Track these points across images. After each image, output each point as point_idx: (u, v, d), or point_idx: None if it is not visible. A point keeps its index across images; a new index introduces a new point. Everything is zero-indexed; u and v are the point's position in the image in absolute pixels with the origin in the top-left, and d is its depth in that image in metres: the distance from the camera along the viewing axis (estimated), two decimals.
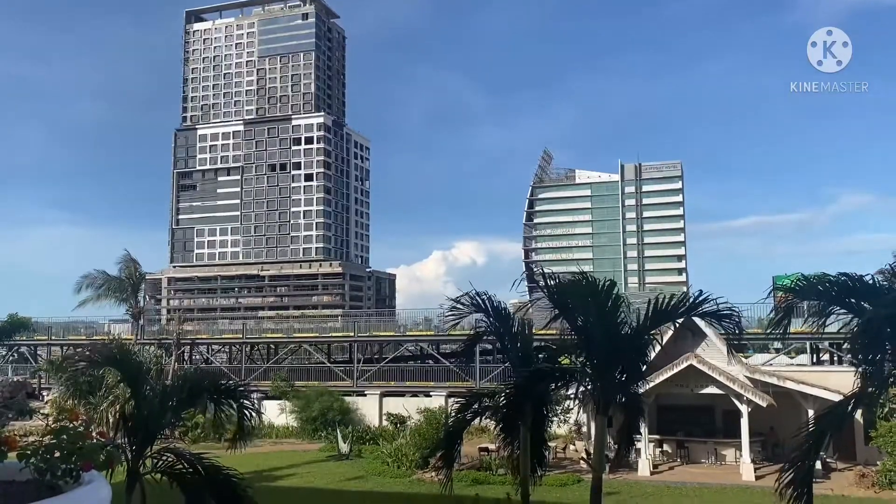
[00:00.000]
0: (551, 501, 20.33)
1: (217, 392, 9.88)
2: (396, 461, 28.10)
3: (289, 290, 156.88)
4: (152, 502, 10.09)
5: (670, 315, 10.61)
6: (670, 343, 24.66)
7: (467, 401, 11.83)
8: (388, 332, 47.99)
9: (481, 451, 28.26)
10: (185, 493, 9.50)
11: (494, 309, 11.47)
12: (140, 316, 43.96)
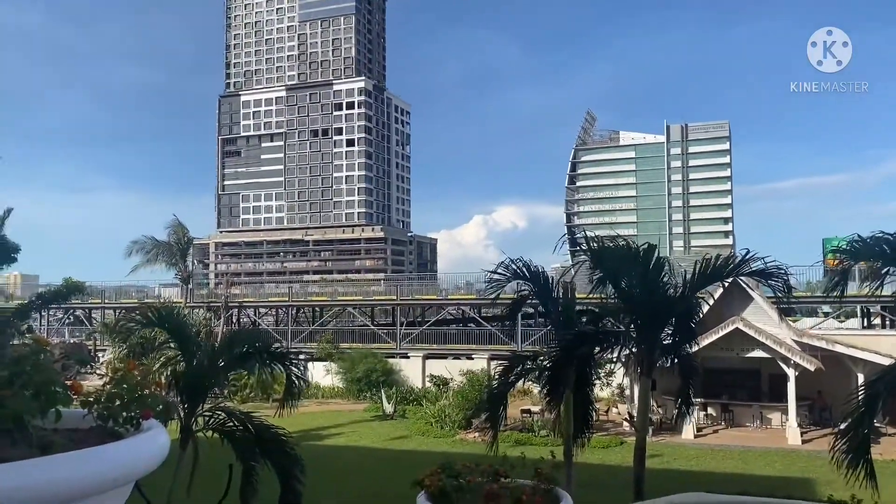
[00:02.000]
0: (594, 463, 20.41)
1: (267, 355, 10.11)
2: (440, 422, 28.50)
3: (332, 254, 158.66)
4: (204, 459, 10.45)
5: (717, 275, 10.43)
6: (716, 306, 24.31)
7: (511, 363, 11.87)
8: (429, 296, 48.30)
9: (523, 413, 28.48)
10: (236, 449, 9.80)
11: (534, 275, 11.42)
12: (189, 280, 44.97)
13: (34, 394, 1.37)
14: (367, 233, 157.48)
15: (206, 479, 11.52)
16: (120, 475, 1.38)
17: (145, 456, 1.46)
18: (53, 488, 1.25)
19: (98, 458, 1.38)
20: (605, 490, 16.18)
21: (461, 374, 33.06)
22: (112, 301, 52.53)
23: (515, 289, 13.67)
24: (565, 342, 10.64)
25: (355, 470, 22.00)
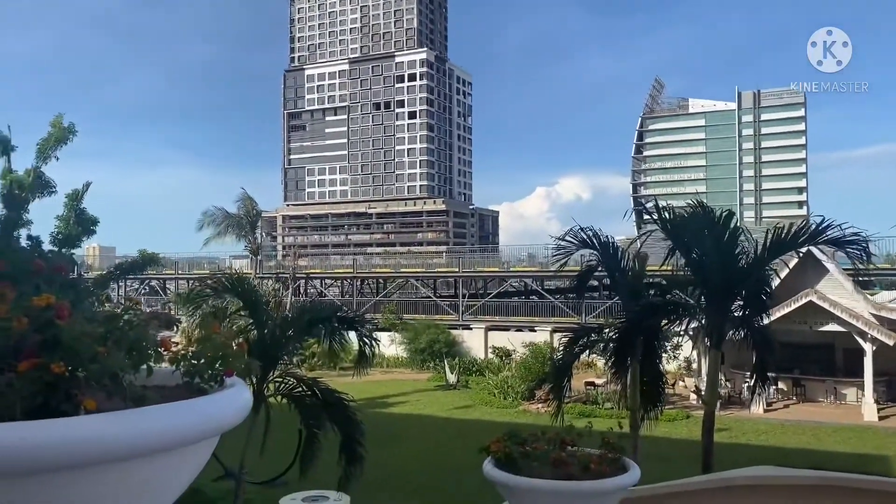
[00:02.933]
0: (659, 436, 20.19)
1: (338, 321, 10.33)
2: (502, 392, 28.65)
3: (395, 227, 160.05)
4: (276, 424, 10.81)
5: (791, 244, 10.07)
6: (788, 279, 23.56)
7: (576, 335, 11.81)
8: (491, 268, 48.32)
9: (587, 385, 28.35)
10: (302, 414, 10.12)
11: (602, 244, 11.24)
12: (258, 252, 46.11)
13: (127, 350, 1.43)
14: (429, 205, 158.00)
15: (277, 444, 11.93)
16: (208, 427, 1.44)
17: (231, 410, 1.51)
18: (149, 437, 1.32)
19: (189, 411, 1.44)
20: (670, 463, 16.02)
21: (524, 346, 33.08)
22: (185, 272, 54.36)
23: (580, 261, 13.53)
24: (633, 313, 10.49)
25: (420, 438, 22.38)
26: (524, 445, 4.57)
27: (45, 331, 1.38)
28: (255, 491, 14.37)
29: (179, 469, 1.49)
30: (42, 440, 1.20)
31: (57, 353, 1.34)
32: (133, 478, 1.37)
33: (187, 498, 6.79)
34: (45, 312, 1.38)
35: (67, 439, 1.22)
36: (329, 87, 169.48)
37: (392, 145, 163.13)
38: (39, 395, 1.33)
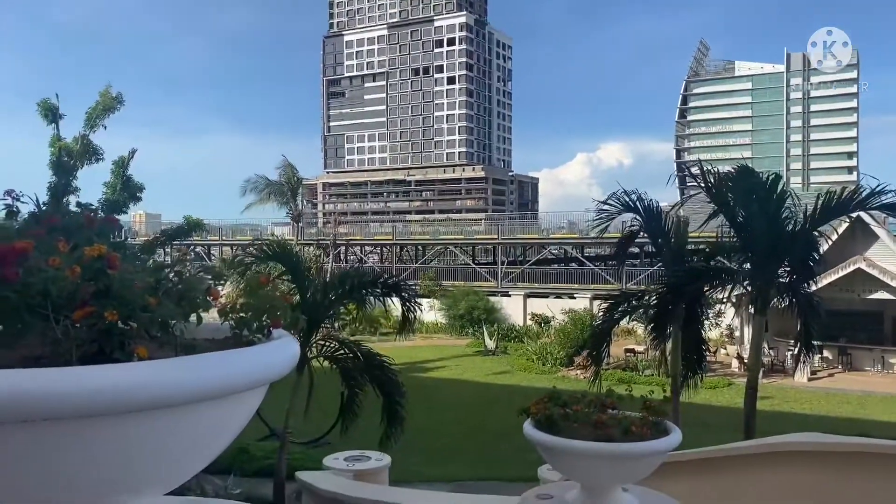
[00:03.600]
0: (700, 403, 20.06)
1: (382, 287, 10.43)
2: (541, 359, 28.69)
3: (434, 194, 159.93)
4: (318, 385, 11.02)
5: (842, 209, 9.79)
6: (836, 245, 22.98)
7: (616, 300, 11.71)
8: (530, 235, 48.09)
9: (627, 353, 28.23)
10: (344, 376, 10.30)
11: (646, 208, 11.06)
12: (299, 218, 46.60)
13: (177, 300, 1.46)
14: (468, 172, 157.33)
15: (320, 406, 12.15)
16: (258, 376, 1.46)
17: (279, 360, 1.53)
18: (201, 385, 1.34)
19: (239, 359, 1.46)
20: (711, 430, 15.91)
21: (563, 313, 33.00)
22: (229, 238, 55.25)
23: (621, 228, 13.37)
24: (675, 278, 10.35)
25: (459, 402, 22.60)
26: (565, 407, 4.57)
27: (97, 280, 1.41)
28: (299, 451, 14.69)
29: (230, 417, 1.52)
30: (98, 384, 1.23)
31: (109, 302, 1.37)
32: (185, 424, 1.40)
33: (234, 455, 7.10)
34: (97, 262, 1.41)
35: (122, 384, 1.25)
36: (368, 52, 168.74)
37: (431, 111, 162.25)
38: (94, 343, 1.36)
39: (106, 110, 19.34)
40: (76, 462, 1.31)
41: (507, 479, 13.43)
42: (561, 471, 4.87)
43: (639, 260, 40.71)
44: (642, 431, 4.32)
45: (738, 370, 26.00)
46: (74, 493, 1.38)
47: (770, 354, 26.57)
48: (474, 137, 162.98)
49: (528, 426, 4.52)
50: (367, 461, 8.52)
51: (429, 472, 14.25)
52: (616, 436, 4.24)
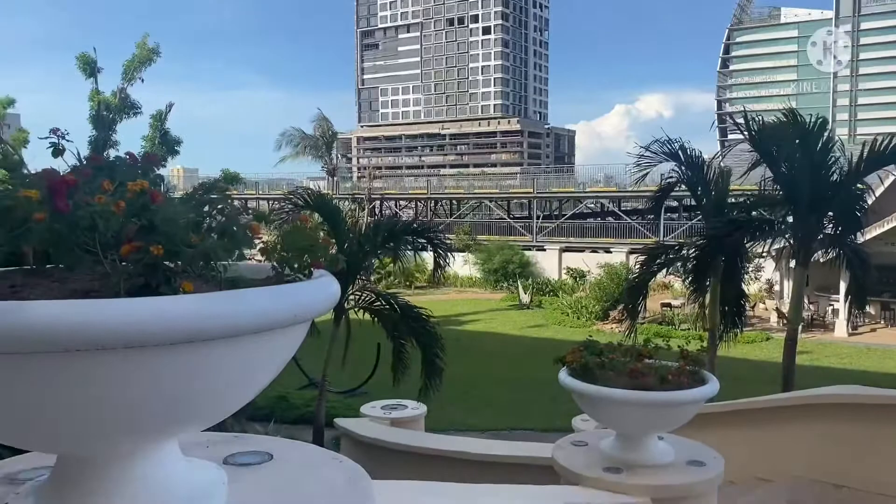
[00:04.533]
0: (737, 357, 19.93)
1: (412, 233, 10.47)
2: (576, 312, 28.70)
3: (468, 148, 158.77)
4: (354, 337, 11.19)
5: (892, 157, 9.46)
6: (882, 198, 22.32)
7: (654, 252, 11.58)
8: (567, 189, 47.63)
9: (663, 307, 28.07)
10: (385, 327, 10.43)
11: (688, 156, 10.84)
12: (334, 173, 46.78)
13: (219, 235, 1.47)
14: (504, 125, 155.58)
15: (357, 357, 12.35)
16: (301, 311, 1.48)
17: (321, 296, 1.55)
18: (246, 317, 1.36)
19: (283, 294, 1.48)
20: (748, 384, 15.83)
21: (599, 267, 32.83)
22: (265, 192, 55.74)
23: (659, 181, 13.18)
24: (715, 229, 10.18)
25: (493, 354, 22.79)
26: (601, 356, 4.57)
27: (140, 215, 1.43)
28: (337, 399, 15.03)
29: (272, 353, 1.54)
30: (147, 315, 1.26)
31: (154, 237, 1.39)
32: (230, 358, 1.42)
33: (274, 402, 7.26)
34: (141, 197, 1.43)
35: (171, 315, 1.28)
36: (401, 2, 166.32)
37: (466, 63, 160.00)
38: (141, 277, 1.38)
39: (143, 63, 19.44)
40: (122, 394, 1.34)
41: (540, 429, 13.60)
42: (596, 419, 4.90)
43: (677, 214, 40.15)
44: (679, 380, 4.31)
45: (777, 325, 25.71)
46: (120, 425, 1.43)
47: (810, 309, 26.18)
48: (510, 89, 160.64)
49: (564, 375, 4.54)
50: (403, 409, 8.68)
51: (463, 422, 14.48)
52: (652, 384, 4.24)
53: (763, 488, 6.45)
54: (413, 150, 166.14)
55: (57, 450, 1.57)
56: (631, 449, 4.45)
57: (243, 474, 1.82)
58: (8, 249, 1.48)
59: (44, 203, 1.39)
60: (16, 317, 1.20)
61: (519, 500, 3.28)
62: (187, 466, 1.70)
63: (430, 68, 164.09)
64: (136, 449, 1.55)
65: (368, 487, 1.76)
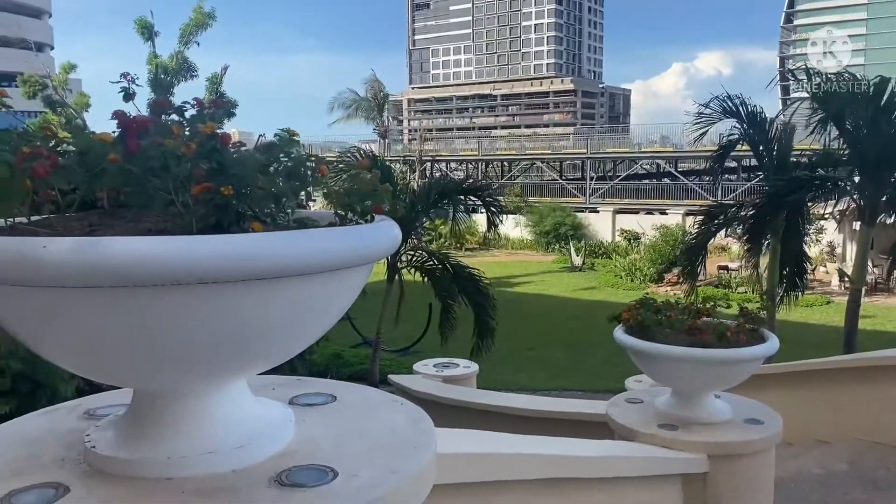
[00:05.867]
0: (797, 320, 19.49)
1: (464, 192, 10.47)
2: (630, 275, 28.38)
3: (520, 108, 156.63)
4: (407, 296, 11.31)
5: None
6: None
7: (712, 212, 11.32)
8: (621, 149, 46.73)
9: (720, 269, 27.54)
10: (435, 286, 10.51)
11: (749, 113, 10.49)
12: (386, 135, 46.84)
13: (287, 176, 1.50)
14: (556, 85, 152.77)
15: (409, 317, 12.50)
16: (366, 252, 1.50)
17: (384, 238, 1.57)
18: (314, 256, 1.39)
19: (349, 235, 1.51)
20: (807, 347, 15.48)
21: (654, 229, 32.30)
22: (318, 155, 56.08)
23: (717, 141, 12.85)
24: (776, 188, 9.88)
25: (544, 315, 22.76)
26: (658, 313, 4.53)
27: (210, 158, 1.46)
28: (390, 358, 15.27)
29: (338, 293, 1.57)
30: (220, 251, 1.30)
31: (223, 178, 1.42)
32: (298, 296, 1.46)
33: (329, 359, 7.42)
34: (210, 140, 1.46)
35: (244, 251, 1.31)
36: None
37: (518, 21, 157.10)
38: (212, 217, 1.42)
39: (198, 26, 19.73)
40: (196, 329, 1.39)
41: (591, 390, 13.59)
42: (652, 376, 4.87)
43: (736, 175, 39.09)
44: (738, 338, 4.25)
45: (838, 288, 25.00)
46: (194, 360, 1.48)
47: (874, 272, 25.33)
48: (563, 48, 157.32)
49: (620, 332, 4.51)
50: (455, 368, 8.77)
51: (514, 382, 14.55)
52: (711, 341, 4.19)
53: (822, 450, 6.36)
54: (464, 112, 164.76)
55: (134, 384, 1.64)
56: (687, 406, 4.42)
57: (309, 414, 1.88)
58: (84, 192, 1.53)
59: (117, 145, 1.43)
60: (97, 252, 1.25)
61: (575, 451, 3.30)
62: (257, 404, 1.76)
63: (482, 28, 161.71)
64: (209, 385, 1.61)
65: (430, 428, 1.80)
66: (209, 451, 1.56)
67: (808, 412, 6.67)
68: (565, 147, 52.65)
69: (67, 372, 7.60)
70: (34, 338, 1.52)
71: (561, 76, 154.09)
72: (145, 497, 1.45)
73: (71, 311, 1.35)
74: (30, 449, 1.70)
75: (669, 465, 4.08)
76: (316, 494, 1.45)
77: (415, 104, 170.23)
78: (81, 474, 1.56)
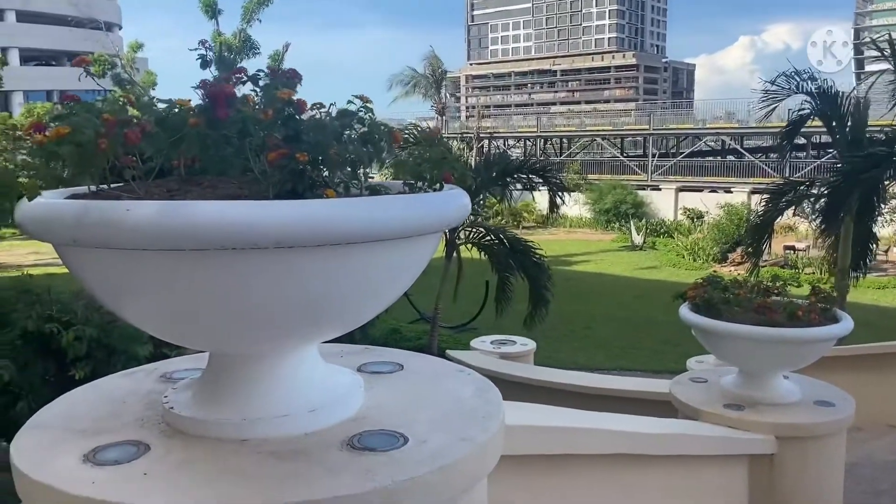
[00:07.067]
0: (865, 303, 18.80)
1: (525, 171, 10.39)
2: (692, 254, 27.79)
3: (580, 84, 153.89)
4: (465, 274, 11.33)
5: None
6: None
7: (781, 189, 10.95)
8: (684, 125, 45.52)
9: (786, 249, 26.70)
10: (492, 261, 10.50)
11: (821, 89, 10.07)
12: (443, 112, 46.75)
13: (362, 143, 1.50)
14: (618, 60, 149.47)
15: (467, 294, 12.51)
16: (437, 219, 1.50)
17: (453, 206, 1.57)
18: (389, 222, 1.40)
19: (419, 201, 1.52)
20: (876, 330, 14.93)
21: (718, 208, 31.48)
22: None
23: (786, 117, 12.41)
24: (851, 165, 9.48)
25: (603, 294, 22.51)
26: (725, 291, 4.43)
27: (287, 124, 1.47)
28: (446, 334, 15.36)
29: (408, 260, 1.58)
30: (296, 216, 1.31)
31: (299, 144, 1.43)
32: (370, 262, 1.46)
33: (387, 335, 7.52)
34: (287, 106, 1.47)
35: (320, 216, 1.33)
36: None
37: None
38: (287, 183, 1.43)
39: (260, 4, 20.01)
40: (271, 292, 1.41)
41: (651, 371, 13.40)
42: (718, 355, 4.78)
43: (804, 153, 37.73)
44: (810, 317, 4.12)
45: None
46: (269, 323, 1.51)
47: None
48: (625, 21, 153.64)
49: (685, 310, 4.43)
50: (512, 345, 8.75)
51: (572, 361, 14.46)
52: (781, 320, 4.08)
53: (893, 436, 6.14)
54: (522, 88, 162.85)
55: (210, 346, 1.68)
56: (754, 386, 4.33)
57: (377, 381, 1.90)
58: (166, 156, 1.57)
59: (198, 112, 1.46)
60: (179, 215, 1.28)
61: (639, 428, 3.27)
62: (328, 369, 1.79)
63: (542, 2, 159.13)
64: (282, 349, 1.64)
65: (498, 398, 1.80)
66: (282, 414, 1.59)
67: (880, 397, 6.44)
68: (626, 123, 51.55)
69: (141, 338, 7.88)
70: (116, 300, 1.57)
71: (623, 50, 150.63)
72: (222, 457, 1.49)
73: (152, 273, 1.39)
74: (112, 408, 1.77)
75: (735, 445, 4.01)
76: (388, 458, 1.47)
77: (472, 80, 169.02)
78: (160, 433, 1.61)
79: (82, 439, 1.58)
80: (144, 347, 8.12)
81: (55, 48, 52.41)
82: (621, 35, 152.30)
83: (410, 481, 1.39)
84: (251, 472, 1.43)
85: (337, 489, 1.35)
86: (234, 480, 1.40)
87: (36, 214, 1.43)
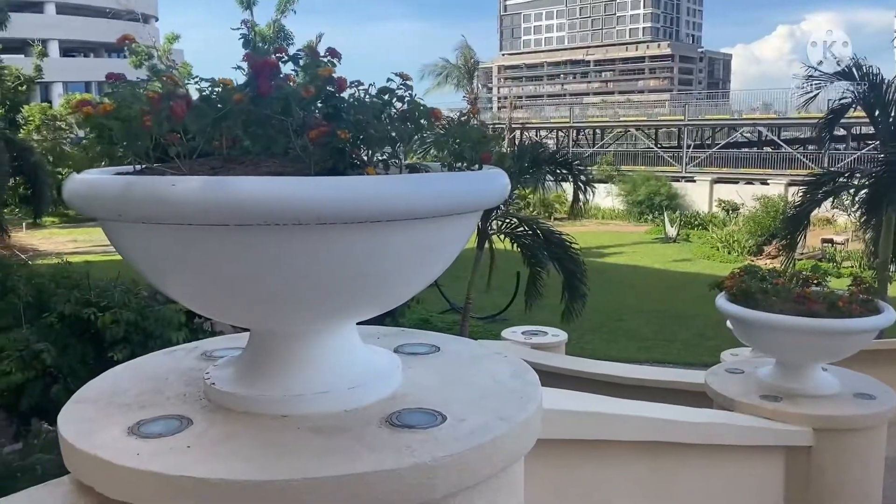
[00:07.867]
0: None
1: (554, 163, 10.31)
2: (727, 247, 27.41)
3: (614, 74, 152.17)
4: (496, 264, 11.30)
5: None
6: None
7: (819, 179, 10.73)
8: (720, 116, 44.79)
9: (824, 242, 26.20)
10: (524, 253, 10.46)
11: (864, 75, 9.82)
12: (475, 102, 46.55)
13: (403, 121, 1.50)
14: (652, 50, 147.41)
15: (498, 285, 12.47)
16: (477, 198, 1.51)
17: (493, 186, 1.57)
18: (429, 200, 1.41)
19: (459, 179, 1.51)
20: None
21: (754, 200, 30.98)
22: None
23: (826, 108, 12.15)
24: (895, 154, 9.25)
25: (636, 286, 22.31)
26: (763, 281, 4.36)
27: (328, 102, 1.48)
28: (477, 324, 15.37)
29: (448, 239, 1.58)
30: (338, 193, 1.32)
31: (340, 122, 1.44)
32: (410, 240, 1.47)
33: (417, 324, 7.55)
34: (328, 83, 1.48)
35: (359, 194, 1.33)
36: None
37: None
38: (329, 160, 1.44)
39: None
40: (312, 269, 1.42)
41: (684, 363, 13.26)
42: (755, 346, 4.71)
43: (844, 144, 36.88)
44: (850, 308, 4.04)
45: None
46: (309, 300, 1.52)
47: None
48: (661, 11, 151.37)
49: (722, 300, 4.37)
50: (544, 336, 8.70)
51: (604, 352, 14.38)
52: (821, 311, 4.00)
53: None
54: (555, 79, 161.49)
55: (252, 322, 1.70)
56: (792, 378, 4.26)
57: (414, 362, 1.91)
58: (208, 136, 1.58)
59: (242, 87, 1.47)
60: (224, 191, 1.30)
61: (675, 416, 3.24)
62: (367, 349, 1.80)
63: None
64: (323, 326, 1.65)
65: (535, 381, 1.79)
66: (322, 391, 1.60)
67: None
68: (661, 114, 50.86)
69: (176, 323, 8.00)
70: (160, 276, 1.60)
71: (657, 40, 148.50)
72: (263, 432, 1.51)
73: (196, 248, 1.41)
74: (154, 384, 1.80)
75: (771, 436, 3.95)
76: (427, 436, 1.47)
77: (504, 71, 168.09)
78: (202, 409, 1.64)
79: (126, 413, 1.61)
80: (179, 333, 8.27)
81: (93, 40, 53.32)
82: (656, 25, 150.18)
83: (450, 458, 1.40)
84: (292, 447, 1.44)
85: (377, 464, 1.36)
86: (275, 454, 1.42)
87: (82, 189, 1.46)
